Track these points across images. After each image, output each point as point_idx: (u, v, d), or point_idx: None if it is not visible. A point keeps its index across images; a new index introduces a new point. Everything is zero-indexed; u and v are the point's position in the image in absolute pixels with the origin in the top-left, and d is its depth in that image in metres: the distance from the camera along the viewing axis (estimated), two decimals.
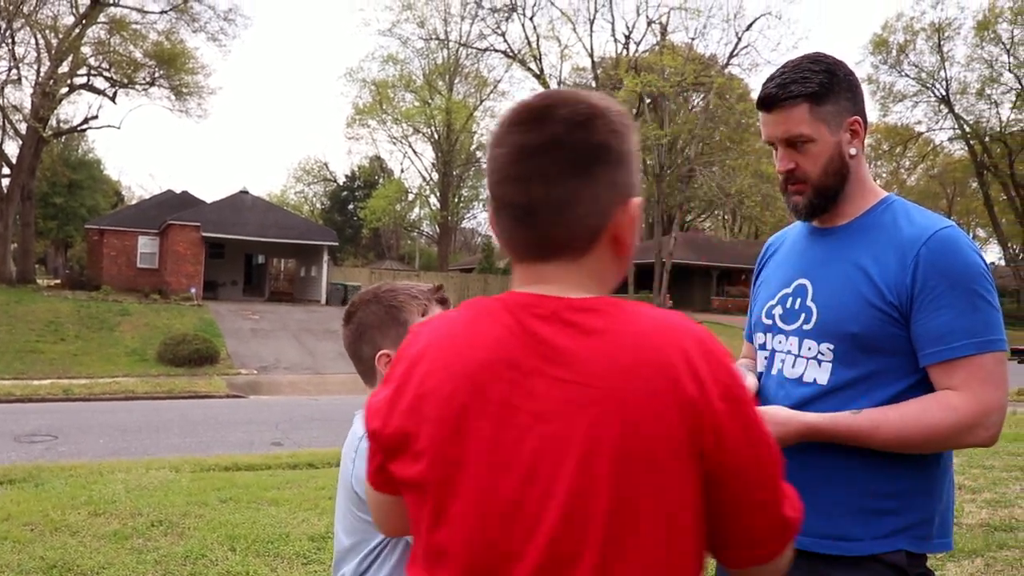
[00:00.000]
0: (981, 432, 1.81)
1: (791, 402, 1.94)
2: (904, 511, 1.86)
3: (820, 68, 1.94)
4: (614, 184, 1.25)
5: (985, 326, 1.82)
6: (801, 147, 1.95)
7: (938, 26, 43.62)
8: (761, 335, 2.13)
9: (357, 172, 66.77)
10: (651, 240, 42.60)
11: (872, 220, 1.99)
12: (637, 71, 37.51)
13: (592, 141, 1.24)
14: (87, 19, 36.96)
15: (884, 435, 1.81)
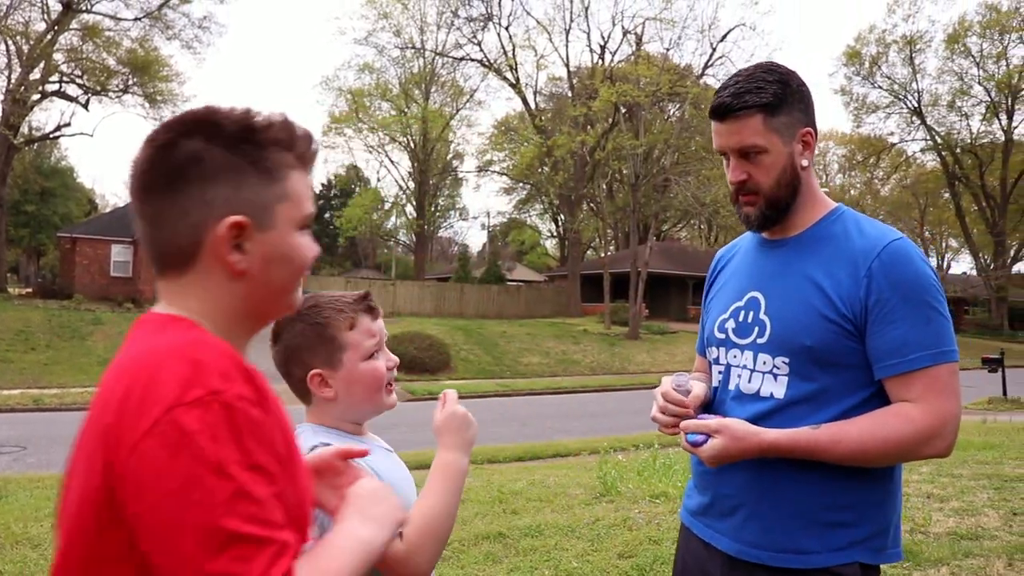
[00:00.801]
0: (938, 443, 1.83)
1: (747, 416, 1.93)
2: (859, 523, 1.87)
3: (774, 78, 1.94)
4: (205, 201, 1.20)
5: (938, 338, 1.84)
6: (754, 158, 1.94)
7: (910, 39, 44.23)
8: (715, 349, 2.12)
9: (333, 181, 66.63)
10: (627, 249, 42.74)
11: (823, 231, 1.99)
12: (613, 81, 37.64)
13: (178, 157, 1.20)
14: (59, 25, 36.60)
15: (844, 449, 1.82)
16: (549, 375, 28.25)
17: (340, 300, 1.87)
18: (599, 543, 5.68)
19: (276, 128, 1.26)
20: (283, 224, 1.26)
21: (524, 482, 8.35)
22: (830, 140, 60.50)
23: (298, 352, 1.83)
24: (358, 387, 1.83)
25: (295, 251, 1.28)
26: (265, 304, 1.29)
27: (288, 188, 1.26)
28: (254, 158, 1.23)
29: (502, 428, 15.77)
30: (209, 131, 1.21)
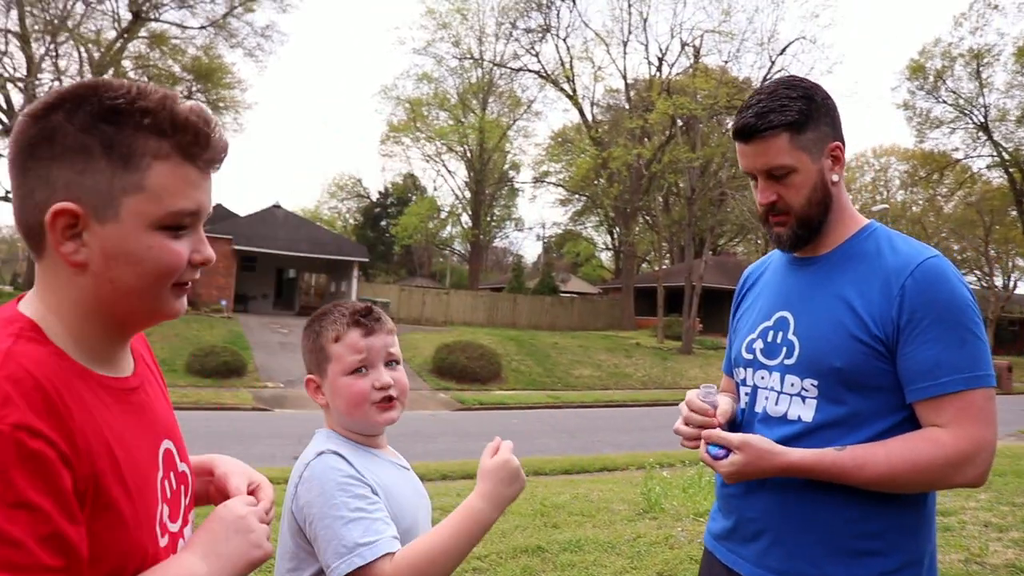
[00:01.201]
0: (970, 471, 1.74)
1: (774, 440, 1.86)
2: (890, 552, 1.79)
3: (797, 94, 1.87)
4: (48, 182, 1.11)
5: (973, 361, 1.75)
6: (783, 178, 1.88)
7: (977, 52, 43.13)
8: (742, 370, 2.06)
9: (390, 189, 67.11)
10: (682, 263, 42.37)
11: (855, 249, 1.92)
12: (670, 93, 37.41)
13: (31, 132, 1.11)
14: (129, 33, 37.61)
15: (869, 473, 1.74)
16: (600, 388, 28.08)
17: (339, 310, 1.87)
18: (639, 560, 5.59)
19: (148, 111, 1.13)
20: (130, 218, 1.13)
21: (567, 496, 8.27)
22: (892, 155, 59.31)
23: (303, 355, 1.91)
24: (339, 400, 1.83)
25: (144, 251, 1.15)
26: (116, 304, 1.17)
27: (145, 180, 1.13)
28: (110, 141, 1.11)
29: (550, 440, 15.69)
30: (72, 106, 1.11)
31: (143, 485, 1.18)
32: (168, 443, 1.31)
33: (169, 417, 1.37)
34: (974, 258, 50.81)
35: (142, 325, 1.26)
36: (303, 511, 1.69)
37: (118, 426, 1.17)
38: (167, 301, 1.22)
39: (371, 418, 1.82)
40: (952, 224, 50.66)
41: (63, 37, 36.37)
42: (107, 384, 1.19)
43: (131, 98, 1.13)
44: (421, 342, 28.95)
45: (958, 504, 7.74)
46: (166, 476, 1.27)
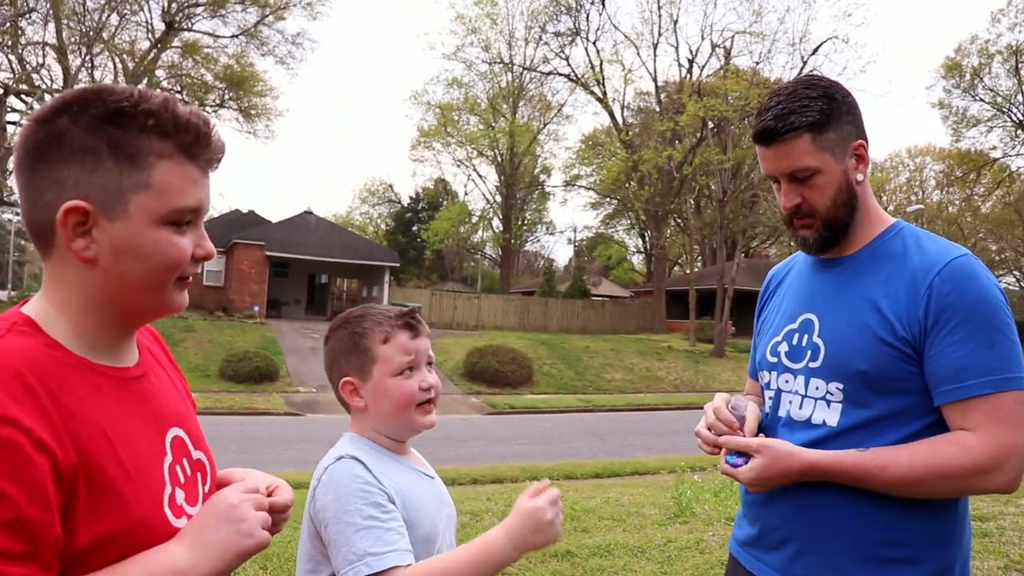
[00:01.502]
0: (999, 476, 1.67)
1: (796, 439, 1.82)
2: (919, 560, 1.73)
3: (817, 94, 1.82)
4: (57, 181, 1.17)
5: (1004, 363, 1.69)
6: (807, 180, 1.83)
7: (1015, 48, 42.42)
8: (766, 373, 2.01)
9: (421, 194, 67.42)
10: (714, 266, 42.10)
11: (881, 249, 1.86)
12: (700, 95, 37.20)
13: (38, 135, 1.17)
14: (162, 43, 38.11)
15: (892, 476, 1.69)
16: (632, 391, 27.95)
17: (383, 313, 1.87)
18: (669, 565, 5.53)
19: (150, 114, 1.20)
20: (138, 215, 1.19)
21: (598, 500, 8.21)
22: (927, 155, 58.60)
23: (336, 358, 1.88)
24: (385, 402, 1.82)
25: (151, 246, 1.21)
26: (124, 297, 1.23)
27: (151, 178, 1.20)
28: (116, 142, 1.17)
29: (581, 444, 15.63)
30: (78, 110, 1.17)
31: (144, 467, 1.21)
32: (178, 431, 1.34)
33: (180, 407, 1.41)
34: (1013, 259, 50.06)
35: (148, 318, 1.31)
36: (319, 514, 1.68)
37: (114, 411, 1.21)
38: (171, 294, 1.27)
39: (415, 420, 1.84)
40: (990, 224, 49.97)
41: (98, 48, 36.93)
42: (105, 372, 1.23)
43: (134, 101, 1.19)
44: (452, 346, 29.00)
45: (997, 509, 7.58)
46: (177, 461, 1.31)
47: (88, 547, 1.11)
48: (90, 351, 1.23)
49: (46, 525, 1.05)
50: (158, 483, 1.24)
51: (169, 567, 1.17)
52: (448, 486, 2.10)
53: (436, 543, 1.80)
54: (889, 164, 60.61)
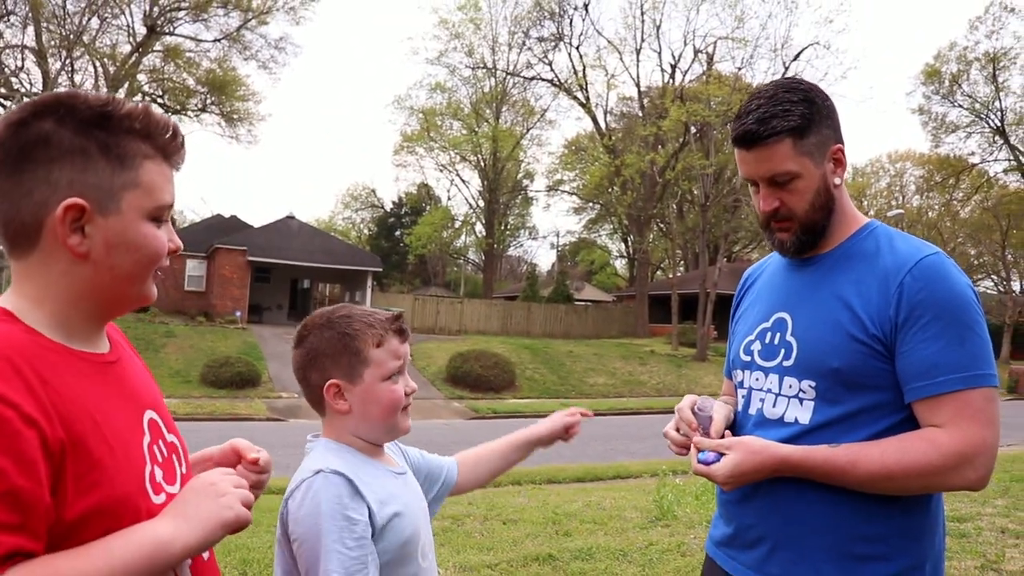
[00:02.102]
0: (968, 473, 1.69)
1: (768, 437, 1.83)
2: (893, 556, 1.74)
3: (798, 98, 1.83)
4: (49, 182, 1.23)
5: (973, 360, 1.70)
6: (786, 184, 1.84)
7: (993, 56, 42.83)
8: (740, 372, 2.02)
9: (404, 199, 67.27)
10: (696, 270, 42.22)
11: (853, 248, 1.88)
12: (683, 100, 37.32)
13: (27, 137, 1.23)
14: (143, 47, 37.90)
15: (863, 472, 1.70)
16: (615, 395, 27.99)
17: (373, 316, 1.84)
18: (651, 568, 5.54)
19: (132, 117, 1.29)
20: (129, 211, 1.28)
21: (580, 503, 8.23)
22: (907, 161, 58.94)
23: (320, 358, 1.81)
24: (374, 407, 1.80)
25: (141, 239, 1.30)
26: (110, 290, 1.31)
27: (140, 177, 1.29)
28: (105, 143, 1.26)
29: (564, 448, 15.48)
30: (62, 113, 1.24)
31: (126, 445, 1.27)
32: (152, 413, 1.40)
33: (152, 392, 1.47)
34: (991, 263, 50.40)
35: (127, 308, 1.38)
36: (294, 528, 1.66)
37: (97, 393, 1.27)
38: (150, 286, 1.37)
39: (400, 424, 1.83)
40: (968, 229, 50.32)
41: (79, 52, 36.70)
42: (85, 358, 1.30)
43: (116, 105, 1.28)
44: (435, 351, 28.96)
45: (974, 510, 7.65)
46: (154, 442, 1.37)
47: (76, 521, 1.15)
48: (68, 339, 1.28)
49: (36, 497, 1.09)
50: (139, 461, 1.30)
51: (152, 538, 1.21)
52: None
53: (420, 541, 1.80)
54: (870, 169, 60.99)
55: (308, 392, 1.85)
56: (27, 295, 1.27)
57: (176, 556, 1.23)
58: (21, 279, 1.28)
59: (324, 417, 1.85)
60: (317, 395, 1.82)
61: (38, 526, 1.09)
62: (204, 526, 1.26)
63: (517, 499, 8.62)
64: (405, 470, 1.93)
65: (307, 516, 1.64)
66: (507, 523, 7.16)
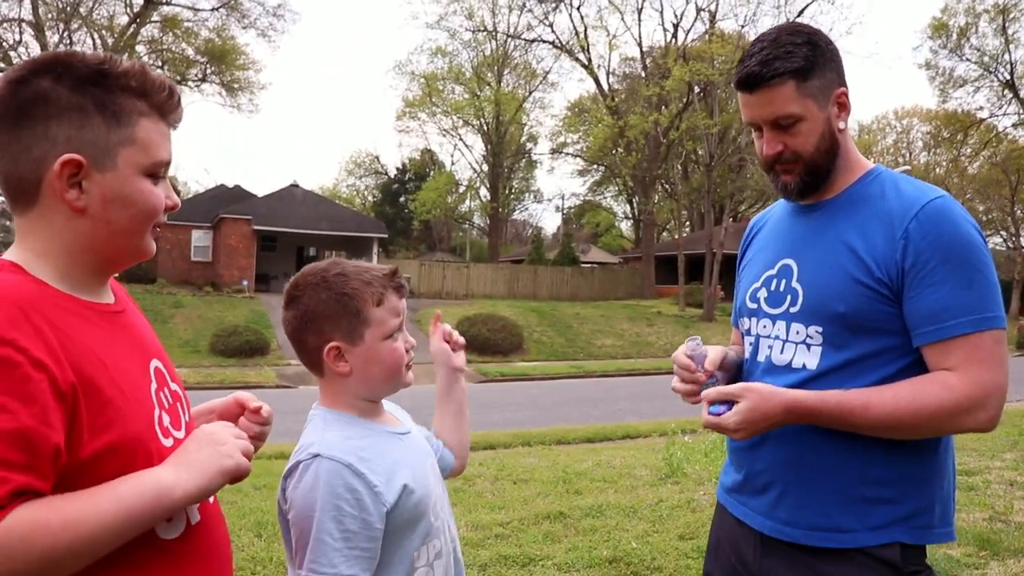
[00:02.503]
0: (980, 414, 1.68)
1: (778, 383, 1.83)
2: (902, 499, 1.75)
3: (801, 40, 1.81)
4: (47, 138, 1.26)
5: (982, 302, 1.70)
6: (790, 127, 1.82)
7: (1003, 7, 42.24)
8: (746, 320, 2.02)
9: (408, 164, 67.12)
10: (702, 231, 42.11)
11: (858, 193, 1.87)
12: (686, 60, 37.00)
13: (25, 94, 1.26)
14: (141, 18, 37.69)
15: (875, 415, 1.69)
16: (622, 357, 28.07)
17: (369, 272, 1.76)
18: (660, 524, 5.59)
19: (129, 75, 1.31)
20: (125, 167, 1.31)
21: (590, 463, 8.29)
22: (914, 117, 58.48)
23: (318, 320, 1.73)
24: (376, 367, 1.75)
25: (137, 195, 1.33)
26: (109, 244, 1.35)
27: (136, 134, 1.32)
28: (101, 101, 1.29)
29: (572, 409, 15.72)
30: (59, 71, 1.28)
31: (135, 389, 1.32)
32: (157, 362, 1.45)
33: (156, 342, 1.53)
34: (1000, 219, 50.14)
35: (125, 263, 1.43)
36: (290, 508, 1.64)
37: (104, 339, 1.32)
38: (148, 241, 1.41)
39: (404, 379, 1.80)
40: (977, 185, 49.96)
41: (76, 24, 36.53)
42: (92, 307, 1.35)
43: (113, 64, 1.31)
44: (442, 315, 28.92)
45: (983, 464, 7.69)
46: (160, 389, 1.41)
47: (91, 458, 1.20)
48: (73, 290, 1.32)
49: (44, 438, 1.12)
50: (148, 404, 1.35)
51: (155, 481, 1.25)
52: None
53: (431, 497, 1.76)
54: (876, 126, 60.55)
55: (304, 355, 1.78)
56: (31, 248, 1.31)
57: (178, 501, 1.27)
58: (25, 234, 1.32)
59: (322, 379, 1.79)
60: (315, 358, 1.75)
61: (46, 467, 1.13)
62: (204, 474, 1.31)
63: (527, 459, 8.68)
64: (408, 428, 1.88)
65: (301, 499, 1.61)
66: (518, 483, 7.22)
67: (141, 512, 1.22)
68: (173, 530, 1.35)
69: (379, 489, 1.63)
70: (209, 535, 1.45)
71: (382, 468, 1.66)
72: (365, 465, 1.63)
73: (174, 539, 1.35)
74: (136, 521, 1.22)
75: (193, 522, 1.41)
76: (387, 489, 1.65)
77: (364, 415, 1.79)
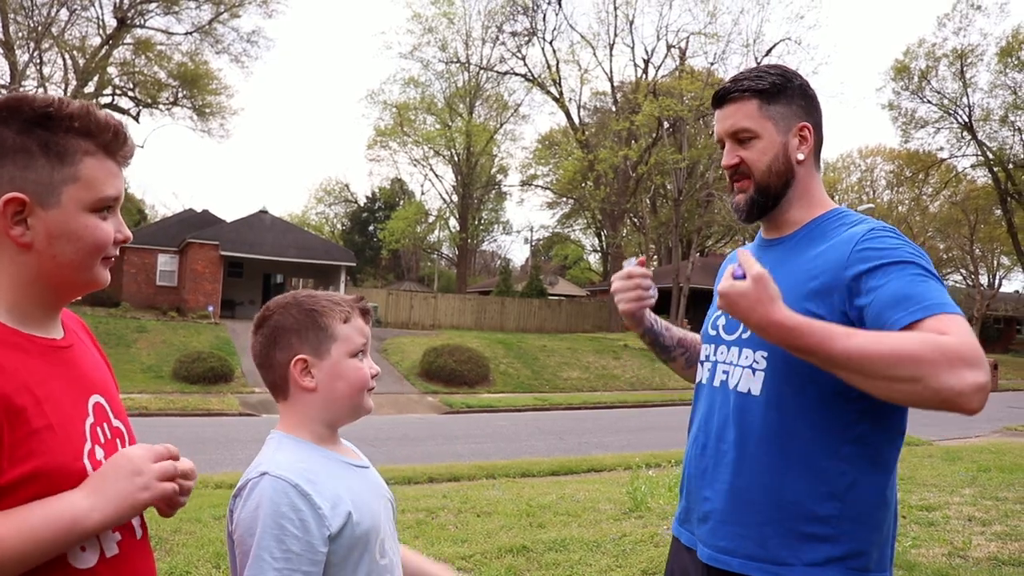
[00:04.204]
0: (968, 375, 1.51)
1: (729, 411, 1.90)
2: (838, 539, 1.77)
3: (775, 72, 1.96)
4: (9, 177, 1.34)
5: (940, 295, 1.66)
6: (747, 143, 1.93)
7: (960, 52, 43.37)
8: (706, 347, 2.10)
9: (378, 193, 67.11)
10: (669, 265, 42.41)
11: (816, 229, 1.94)
12: (656, 95, 37.50)
13: None
14: (114, 40, 37.52)
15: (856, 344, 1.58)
16: (588, 390, 28.08)
17: (337, 296, 1.84)
18: (624, 559, 5.59)
19: (74, 117, 1.38)
20: (70, 204, 1.37)
21: (554, 496, 8.27)
22: (878, 156, 59.60)
23: (286, 334, 1.77)
24: (341, 383, 1.77)
25: (83, 230, 1.39)
26: (56, 277, 1.40)
27: (79, 172, 1.38)
28: (45, 142, 1.35)
29: (538, 442, 15.68)
30: (5, 115, 1.35)
31: (67, 422, 1.36)
32: (99, 398, 1.49)
33: (103, 379, 1.57)
34: (959, 257, 51.09)
35: (76, 294, 1.47)
36: (235, 527, 1.64)
37: (42, 372, 1.36)
38: (98, 272, 1.46)
39: (365, 403, 1.81)
40: (938, 224, 50.95)
41: (47, 44, 36.28)
42: (33, 340, 1.39)
43: (59, 106, 1.37)
44: (409, 346, 28.92)
45: (942, 499, 7.78)
46: (98, 423, 1.46)
47: (8, 485, 1.24)
48: (20, 324, 1.38)
49: None
50: (79, 437, 1.38)
51: (69, 508, 1.28)
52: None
53: (379, 535, 1.74)
54: (841, 164, 61.60)
55: (270, 374, 1.80)
56: None
57: (90, 530, 1.30)
58: None
59: (284, 403, 1.80)
60: (282, 374, 1.77)
61: None
62: (119, 506, 1.33)
63: (491, 492, 8.64)
64: (367, 464, 1.88)
65: (246, 518, 1.60)
66: (481, 515, 7.19)
67: (53, 538, 1.25)
68: (86, 559, 1.35)
69: (323, 512, 1.62)
70: (126, 570, 1.44)
71: (328, 492, 1.65)
72: (312, 487, 1.63)
73: (88, 569, 1.35)
74: (46, 547, 1.24)
75: (109, 555, 1.40)
76: (332, 513, 1.64)
77: (320, 442, 1.79)
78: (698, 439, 2.02)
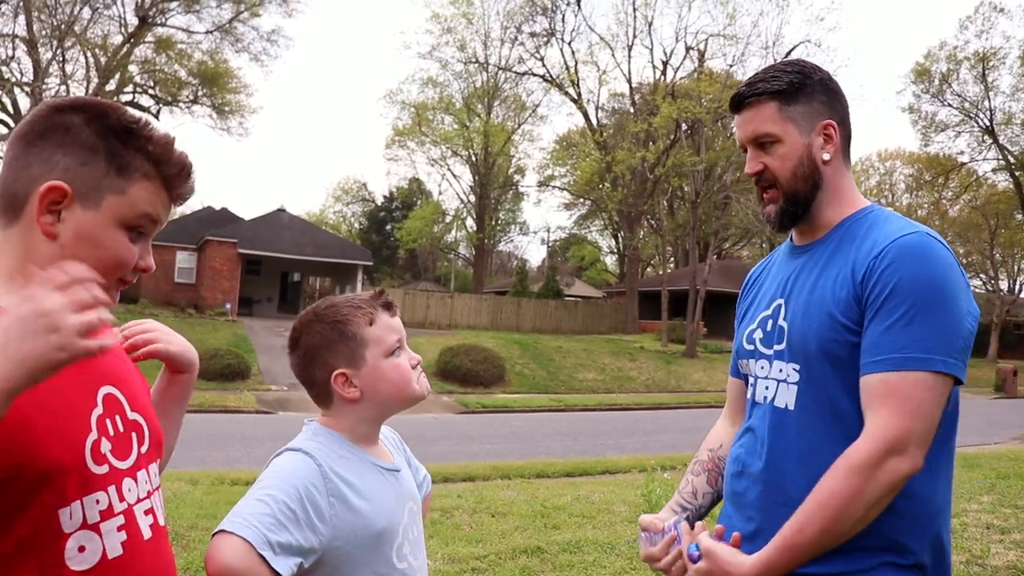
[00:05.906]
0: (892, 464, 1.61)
1: (767, 428, 1.85)
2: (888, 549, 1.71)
3: (792, 69, 1.87)
4: (49, 162, 1.32)
5: (914, 341, 1.63)
6: (769, 148, 1.86)
7: (982, 55, 43.03)
8: (745, 362, 2.03)
9: (395, 193, 67.31)
10: (686, 267, 42.28)
11: (846, 232, 1.87)
12: (674, 97, 37.38)
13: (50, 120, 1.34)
14: (135, 38, 37.74)
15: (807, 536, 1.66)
16: (604, 391, 28.04)
17: (356, 298, 1.82)
18: (638, 561, 5.58)
19: (152, 140, 1.38)
20: (107, 212, 1.35)
21: (569, 497, 8.27)
22: (897, 159, 59.20)
23: (319, 352, 1.78)
24: (384, 384, 1.78)
25: (109, 241, 1.36)
26: None
27: (129, 187, 1.37)
28: (114, 150, 1.35)
29: (553, 443, 15.67)
30: (92, 115, 1.36)
31: (67, 409, 1.31)
32: (111, 388, 1.44)
33: (121, 371, 1.50)
34: (979, 262, 50.58)
35: None
36: None
37: None
38: (110, 290, 1.39)
39: (415, 393, 1.81)
40: (957, 228, 50.45)
41: (70, 42, 36.52)
42: None
43: (143, 126, 1.39)
44: (425, 345, 28.98)
45: (960, 507, 7.72)
46: (108, 415, 1.40)
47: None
48: None
49: None
50: (81, 428, 1.34)
51: None
52: None
53: (396, 539, 1.74)
54: (860, 167, 61.15)
55: (316, 391, 1.81)
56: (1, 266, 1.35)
57: None
58: (1, 251, 1.36)
59: (328, 411, 1.82)
60: (325, 391, 1.79)
61: None
62: (29, 368, 1.06)
63: (506, 492, 8.65)
64: (398, 467, 1.88)
65: (268, 474, 1.65)
66: (496, 516, 7.20)
67: None
68: (85, 560, 1.28)
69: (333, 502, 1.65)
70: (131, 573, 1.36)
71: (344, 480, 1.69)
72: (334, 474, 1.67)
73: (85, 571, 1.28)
74: None
75: (111, 556, 1.32)
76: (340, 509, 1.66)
77: (358, 441, 1.80)
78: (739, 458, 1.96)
